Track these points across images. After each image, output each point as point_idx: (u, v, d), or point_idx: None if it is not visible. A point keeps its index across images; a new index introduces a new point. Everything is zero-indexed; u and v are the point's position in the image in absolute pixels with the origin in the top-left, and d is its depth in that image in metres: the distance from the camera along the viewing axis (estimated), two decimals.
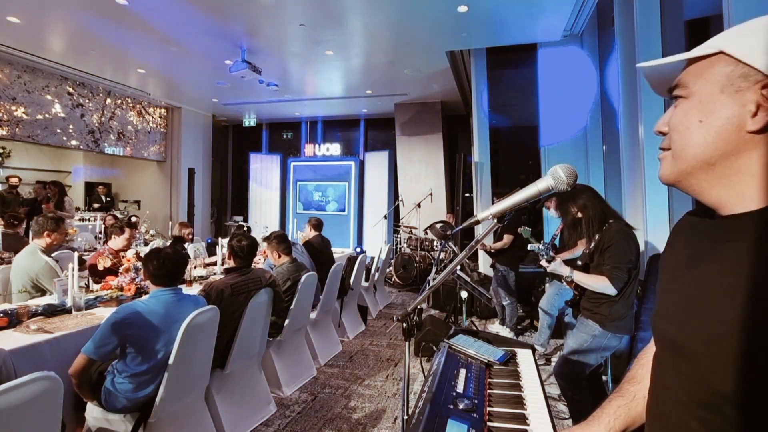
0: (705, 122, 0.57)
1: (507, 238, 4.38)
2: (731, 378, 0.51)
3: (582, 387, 2.25)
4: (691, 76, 0.59)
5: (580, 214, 2.36)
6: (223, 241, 4.34)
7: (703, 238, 0.64)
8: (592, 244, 2.29)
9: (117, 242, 3.68)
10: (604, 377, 2.69)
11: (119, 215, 7.71)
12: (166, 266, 2.09)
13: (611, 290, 2.09)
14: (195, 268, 3.87)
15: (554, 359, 3.71)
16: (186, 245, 4.77)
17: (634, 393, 0.84)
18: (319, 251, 4.50)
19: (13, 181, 6.90)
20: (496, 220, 0.93)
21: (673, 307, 0.65)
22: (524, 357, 1.54)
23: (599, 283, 2.14)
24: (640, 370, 0.86)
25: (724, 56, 0.56)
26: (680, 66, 0.61)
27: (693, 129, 0.58)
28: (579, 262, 2.41)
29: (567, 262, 2.37)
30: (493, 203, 4.51)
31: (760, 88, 0.52)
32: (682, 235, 0.71)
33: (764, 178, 0.54)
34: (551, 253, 2.37)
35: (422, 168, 8.91)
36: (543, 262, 2.37)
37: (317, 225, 4.80)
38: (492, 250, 4.59)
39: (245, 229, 5.78)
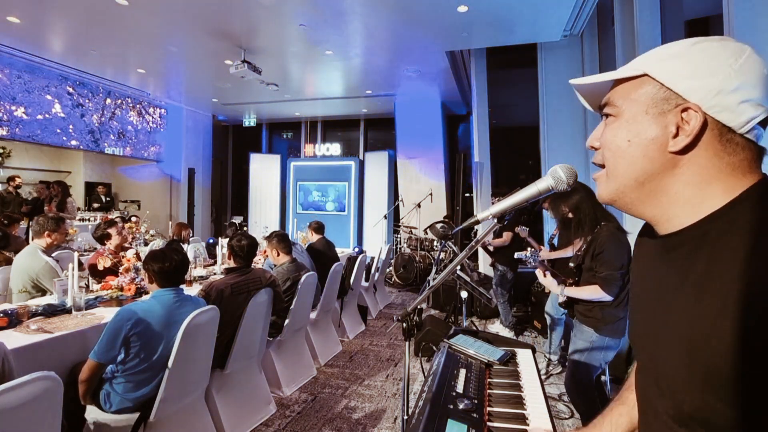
0: (632, 142, 0.58)
1: (506, 236, 4.39)
2: (696, 399, 0.51)
3: (593, 398, 2.23)
4: (618, 95, 0.61)
5: (571, 215, 2.33)
6: (223, 241, 4.35)
7: (651, 255, 0.66)
8: (583, 246, 2.26)
9: (112, 242, 3.74)
10: (603, 377, 2.69)
11: (119, 215, 7.71)
12: (169, 267, 2.09)
13: (607, 298, 2.07)
14: (195, 268, 3.87)
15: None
16: (184, 246, 4.77)
17: (633, 401, 0.84)
18: (323, 254, 4.49)
19: (17, 181, 6.90)
20: (496, 220, 0.93)
21: (641, 322, 0.66)
22: (524, 357, 1.54)
23: (594, 294, 2.11)
24: None
25: (648, 79, 0.58)
26: (609, 84, 0.63)
27: (623, 148, 0.59)
28: (571, 264, 2.40)
29: (560, 263, 2.35)
30: (492, 204, 4.52)
31: (680, 111, 0.54)
32: (643, 247, 0.72)
33: (685, 198, 0.56)
34: (539, 260, 2.34)
35: (422, 168, 8.91)
36: (538, 275, 2.34)
37: (318, 228, 4.75)
38: (490, 247, 4.59)
39: (237, 225, 5.78)
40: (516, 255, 2.46)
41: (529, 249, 2.36)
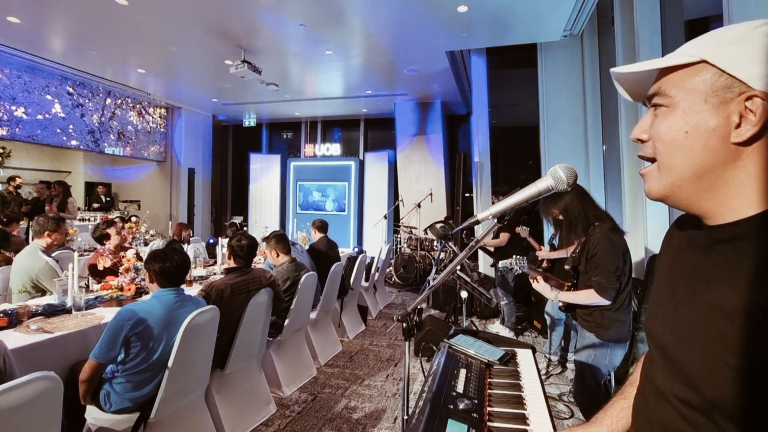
0: (690, 133, 0.55)
1: (503, 236, 4.39)
2: (721, 388, 0.51)
3: (602, 404, 2.20)
4: (671, 84, 0.58)
5: (561, 217, 2.24)
6: (223, 241, 4.35)
7: (691, 246, 0.64)
8: (578, 248, 2.20)
9: (111, 242, 3.75)
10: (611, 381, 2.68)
11: (119, 216, 7.70)
12: (170, 268, 2.09)
13: (604, 302, 2.01)
14: (195, 268, 3.87)
15: (570, 364, 3.69)
16: (184, 246, 4.77)
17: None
18: (325, 254, 4.48)
19: (18, 181, 6.90)
20: (496, 220, 0.93)
21: (666, 313, 0.65)
22: (524, 357, 1.54)
23: (590, 299, 2.05)
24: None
25: (706, 65, 0.54)
26: (654, 73, 0.60)
27: (680, 140, 0.56)
28: (566, 266, 2.36)
29: (561, 263, 2.32)
30: (493, 203, 4.51)
31: (744, 100, 0.51)
32: (674, 240, 0.70)
33: (749, 189, 0.54)
34: (525, 267, 2.26)
35: (422, 168, 8.91)
36: (531, 282, 2.30)
37: (321, 227, 4.73)
38: (490, 248, 4.59)
39: (237, 225, 5.79)
40: (500, 264, 2.42)
41: (513, 257, 2.28)
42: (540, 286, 2.19)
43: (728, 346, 0.50)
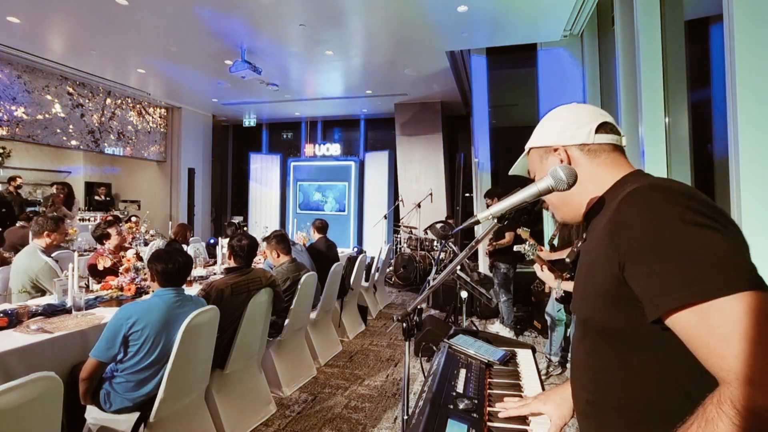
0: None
1: (509, 236, 4.38)
2: (586, 309, 0.83)
3: None
4: (531, 165, 1.00)
5: None
6: (223, 241, 4.35)
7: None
8: (580, 243, 2.25)
9: (111, 242, 3.75)
10: None
11: (111, 213, 7.71)
12: (172, 269, 2.09)
13: None
14: (195, 268, 3.87)
15: (569, 364, 3.69)
16: (184, 246, 4.76)
17: None
18: (324, 254, 4.48)
19: (18, 181, 6.90)
20: (496, 221, 0.93)
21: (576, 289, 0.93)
22: (524, 357, 1.54)
23: None
24: None
25: (532, 149, 0.96)
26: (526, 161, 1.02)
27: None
28: (567, 259, 2.39)
29: (559, 265, 2.33)
30: (488, 205, 4.50)
31: (553, 151, 0.90)
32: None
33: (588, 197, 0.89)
34: (537, 252, 2.31)
35: (422, 168, 8.91)
36: (536, 269, 2.33)
37: (321, 227, 4.74)
38: (496, 248, 4.59)
39: (237, 225, 5.79)
40: (515, 248, 2.44)
41: (528, 242, 2.33)
42: (545, 274, 2.23)
43: (591, 285, 0.80)
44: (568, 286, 2.22)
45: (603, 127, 0.86)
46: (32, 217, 4.63)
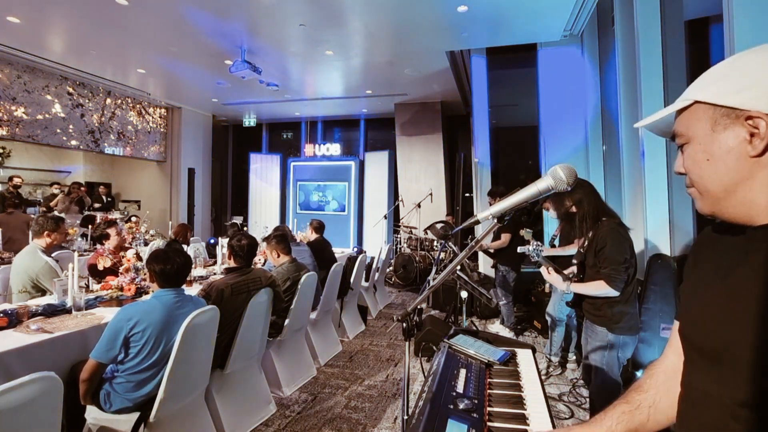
0: (712, 160, 0.65)
1: (505, 237, 4.38)
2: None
3: None
4: (682, 125, 0.69)
5: (574, 209, 2.32)
6: (223, 241, 4.35)
7: (732, 248, 0.70)
8: (585, 242, 2.26)
9: (111, 242, 3.75)
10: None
11: (118, 215, 7.72)
12: (171, 270, 2.09)
13: (613, 293, 2.06)
14: (195, 268, 3.87)
15: (570, 365, 3.69)
16: (185, 246, 4.76)
17: (639, 402, 0.86)
18: (318, 254, 4.48)
19: (17, 181, 6.90)
20: (496, 220, 0.93)
21: (708, 316, 0.69)
22: (524, 357, 1.54)
23: (599, 290, 2.10)
24: (648, 380, 0.89)
25: (700, 104, 0.65)
26: (672, 116, 0.71)
27: (704, 167, 0.66)
28: (574, 261, 2.39)
29: (560, 263, 2.33)
30: (490, 204, 4.51)
31: (744, 120, 0.60)
32: (709, 246, 0.76)
33: None
34: (543, 254, 2.30)
35: (422, 168, 8.91)
36: (543, 272, 2.31)
37: (318, 228, 4.76)
38: (491, 250, 4.59)
39: (237, 225, 5.79)
40: (519, 249, 2.42)
41: (532, 242, 2.32)
42: (552, 277, 2.23)
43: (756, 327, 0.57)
44: (579, 287, 2.22)
45: None
46: (19, 204, 4.68)
